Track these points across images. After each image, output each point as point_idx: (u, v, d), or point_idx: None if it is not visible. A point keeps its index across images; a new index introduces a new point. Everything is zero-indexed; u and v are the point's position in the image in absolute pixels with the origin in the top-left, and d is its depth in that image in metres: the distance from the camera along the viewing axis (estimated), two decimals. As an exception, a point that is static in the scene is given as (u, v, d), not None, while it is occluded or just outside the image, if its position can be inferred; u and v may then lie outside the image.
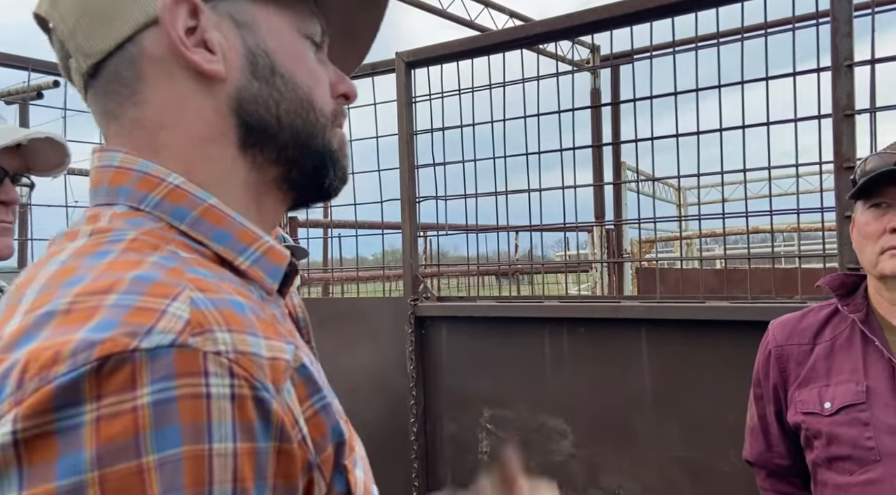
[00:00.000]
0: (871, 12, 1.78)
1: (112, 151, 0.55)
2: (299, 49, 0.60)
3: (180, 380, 0.40)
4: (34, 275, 0.48)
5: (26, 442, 0.38)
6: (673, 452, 2.10)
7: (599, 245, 7.42)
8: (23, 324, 0.43)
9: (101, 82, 0.56)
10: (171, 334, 0.41)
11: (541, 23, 2.29)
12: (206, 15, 0.55)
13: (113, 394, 0.39)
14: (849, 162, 1.78)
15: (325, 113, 0.60)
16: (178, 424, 0.40)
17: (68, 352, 0.39)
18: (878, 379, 1.24)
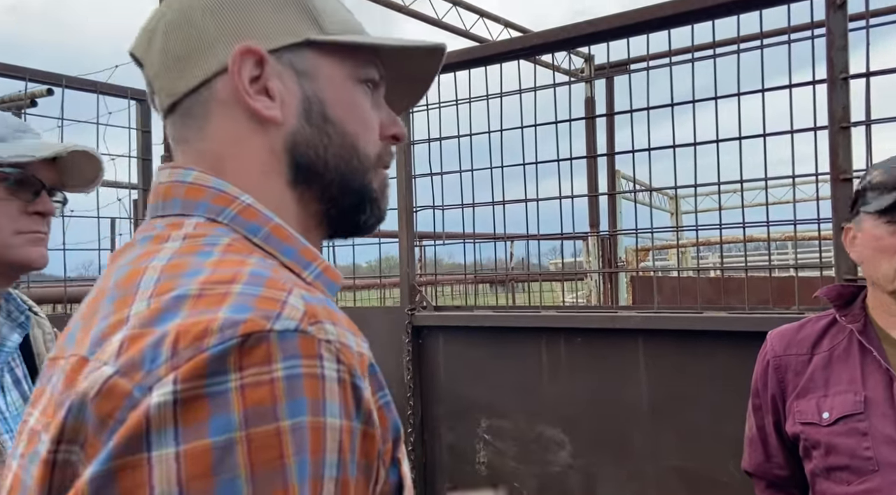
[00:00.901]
0: (866, 25, 1.79)
1: (185, 169, 0.62)
2: (352, 96, 0.66)
3: (304, 361, 0.47)
4: (138, 270, 0.54)
5: (183, 402, 0.44)
6: (670, 463, 2.10)
7: (595, 253, 7.43)
8: (156, 305, 0.49)
9: (176, 115, 0.65)
10: (294, 321, 0.48)
11: (537, 34, 2.30)
12: (271, 65, 0.62)
13: (254, 366, 0.45)
14: (845, 173, 1.79)
15: (369, 157, 0.67)
16: (304, 397, 0.46)
17: (217, 327, 0.46)
18: (876, 390, 1.25)
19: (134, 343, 0.47)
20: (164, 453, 0.43)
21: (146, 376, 0.45)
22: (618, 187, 8.14)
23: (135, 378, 0.46)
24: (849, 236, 1.34)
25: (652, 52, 2.19)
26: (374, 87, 0.69)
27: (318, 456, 0.47)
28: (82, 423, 0.47)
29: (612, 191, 8.09)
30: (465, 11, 7.38)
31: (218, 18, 0.63)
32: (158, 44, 0.64)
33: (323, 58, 0.64)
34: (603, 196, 8.06)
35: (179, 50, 0.63)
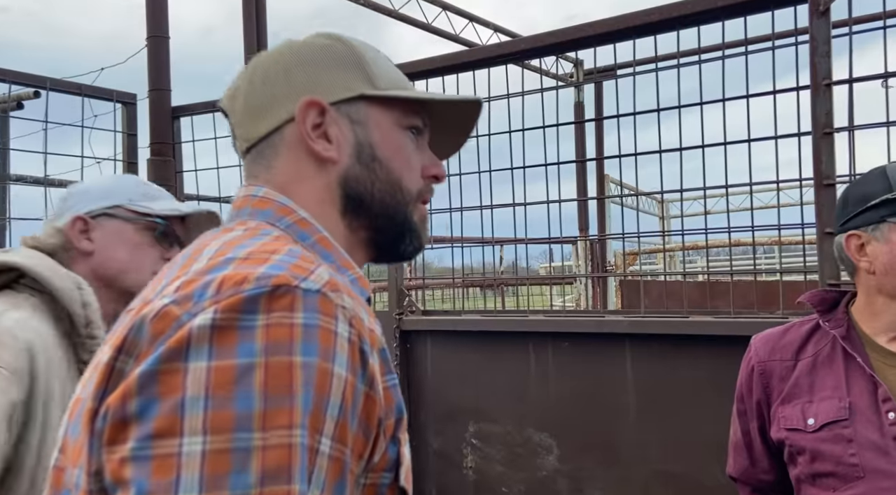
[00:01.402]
0: (849, 32, 1.81)
1: (258, 186, 0.76)
2: (398, 140, 0.79)
3: (321, 316, 0.58)
4: (205, 244, 0.68)
5: (219, 328, 0.55)
6: (657, 467, 2.10)
7: (583, 257, 7.46)
8: (210, 263, 0.62)
9: (251, 156, 0.79)
10: (318, 284, 0.59)
11: (526, 39, 2.31)
12: (330, 114, 0.76)
13: (279, 311, 0.56)
14: (828, 179, 1.81)
15: (411, 192, 0.79)
16: (317, 342, 0.56)
17: (254, 277, 0.58)
18: (861, 396, 1.25)
19: (188, 284, 0.60)
20: (198, 365, 0.54)
21: (194, 306, 0.57)
22: (607, 191, 8.17)
23: (185, 307, 0.57)
24: (856, 244, 1.28)
25: (639, 58, 2.20)
26: (418, 133, 0.82)
27: (323, 394, 0.56)
28: (139, 339, 0.58)
29: (601, 195, 8.12)
30: (454, 16, 7.39)
31: (289, 77, 0.77)
32: (241, 99, 0.79)
33: (374, 108, 0.78)
34: (592, 200, 8.08)
35: (257, 104, 0.77)
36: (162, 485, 0.51)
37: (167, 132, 3.25)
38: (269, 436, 0.53)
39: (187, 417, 0.52)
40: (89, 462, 0.57)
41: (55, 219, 1.29)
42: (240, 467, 0.52)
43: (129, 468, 0.53)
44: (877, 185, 1.26)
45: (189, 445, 0.52)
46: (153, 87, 3.25)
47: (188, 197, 3.39)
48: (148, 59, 3.26)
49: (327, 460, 0.56)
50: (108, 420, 0.55)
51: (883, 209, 1.24)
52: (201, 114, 3.25)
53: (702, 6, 2.00)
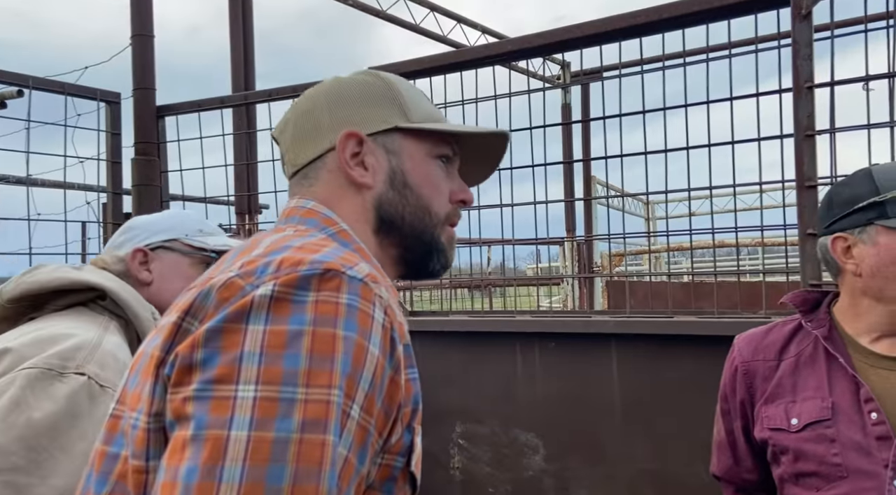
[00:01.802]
0: (831, 35, 1.84)
1: (307, 199, 0.86)
2: (428, 168, 0.89)
3: (362, 300, 0.67)
4: (259, 239, 0.77)
5: (276, 299, 0.65)
6: (642, 466, 2.11)
7: (570, 258, 7.49)
8: (269, 249, 0.72)
9: (297, 178, 0.90)
10: (361, 274, 0.69)
11: (513, 41, 2.32)
12: (368, 144, 0.86)
13: (327, 291, 0.66)
14: (810, 181, 1.83)
15: (439, 216, 0.88)
16: (357, 321, 0.65)
17: (308, 261, 0.68)
18: (843, 396, 1.25)
19: (251, 263, 0.70)
20: (256, 328, 0.64)
21: (256, 279, 0.67)
22: (593, 193, 8.21)
23: (248, 280, 0.68)
24: (842, 246, 1.29)
25: (625, 60, 2.22)
26: (448, 161, 0.91)
27: (359, 365, 0.64)
28: (205, 304, 0.67)
29: (587, 196, 8.16)
30: (442, 17, 7.40)
31: (333, 111, 0.87)
32: (290, 129, 0.90)
33: (407, 139, 0.87)
34: (579, 201, 8.12)
35: (304, 134, 0.88)
36: (218, 421, 0.60)
37: (152, 131, 3.23)
38: (311, 392, 0.61)
39: (243, 368, 0.62)
40: (150, 404, 0.66)
41: (117, 248, 1.38)
42: (284, 414, 0.60)
43: (192, 405, 0.62)
44: (863, 188, 1.26)
45: (243, 391, 0.61)
46: (138, 85, 3.23)
47: (173, 197, 3.37)
48: (133, 58, 3.23)
49: (355, 425, 0.64)
50: (175, 365, 0.64)
51: (870, 212, 1.24)
52: (186, 113, 3.22)
53: (686, 9, 2.02)
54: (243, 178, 4.22)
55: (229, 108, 3.36)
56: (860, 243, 1.26)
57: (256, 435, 0.59)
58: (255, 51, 5.17)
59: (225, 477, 0.58)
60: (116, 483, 0.68)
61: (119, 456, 0.69)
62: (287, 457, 0.59)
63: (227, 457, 0.58)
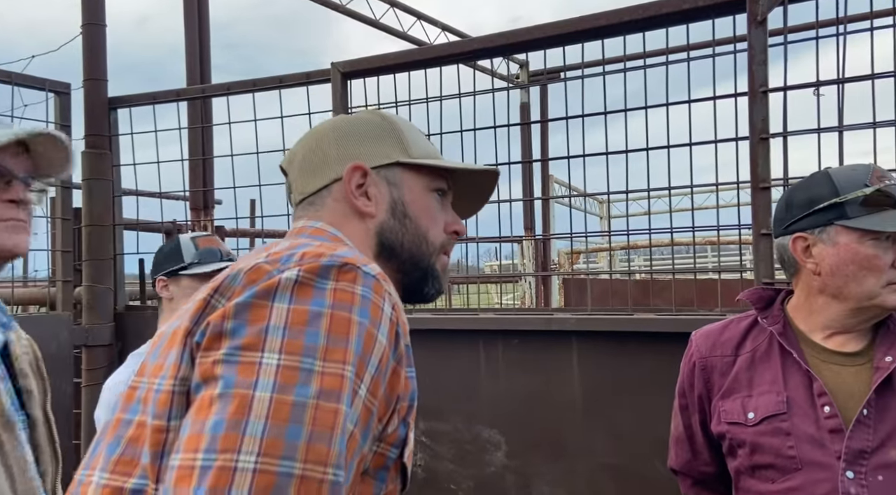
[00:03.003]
0: (784, 41, 1.90)
1: (315, 220, 0.94)
2: (426, 201, 0.96)
3: (374, 293, 0.74)
4: (273, 244, 0.84)
5: (300, 283, 0.72)
6: (601, 460, 2.15)
7: (529, 256, 7.56)
8: (290, 245, 0.80)
9: (304, 205, 0.97)
10: (374, 271, 0.76)
11: (477, 39, 2.32)
12: (371, 176, 0.93)
13: (345, 281, 0.73)
14: (764, 182, 1.88)
15: (435, 245, 0.96)
16: (369, 311, 0.73)
17: (329, 254, 0.75)
18: (797, 390, 1.29)
19: (276, 254, 0.77)
20: (281, 305, 0.71)
21: (282, 265, 0.74)
22: (551, 191, 8.30)
23: (274, 265, 0.75)
24: (802, 246, 1.32)
25: (585, 61, 2.25)
26: (443, 195, 0.98)
27: (368, 350, 0.71)
28: (233, 284, 0.74)
29: (545, 195, 8.25)
30: (402, 13, 7.36)
31: (339, 146, 0.95)
32: (298, 161, 0.98)
33: (407, 173, 0.95)
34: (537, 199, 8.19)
35: (312, 166, 0.96)
36: (245, 382, 0.67)
37: (103, 124, 3.13)
38: (328, 366, 0.68)
39: (269, 339, 0.69)
40: (177, 368, 0.72)
41: None
42: (304, 381, 0.67)
43: (220, 367, 0.69)
44: (823, 189, 1.29)
45: (268, 359, 0.68)
46: (88, 76, 3.12)
47: (125, 192, 3.27)
48: (83, 48, 3.12)
49: (362, 404, 0.70)
50: (206, 333, 0.71)
51: (830, 212, 1.27)
52: (140, 105, 3.13)
53: (647, 13, 2.06)
54: (198, 173, 4.11)
55: (185, 101, 3.27)
56: (820, 243, 1.29)
57: (278, 398, 0.65)
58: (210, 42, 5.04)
59: (248, 431, 0.64)
60: (127, 445, 0.73)
61: (132, 421, 0.75)
62: (304, 419, 0.65)
63: (251, 414, 0.65)
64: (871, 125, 1.82)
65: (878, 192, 1.22)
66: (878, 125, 1.81)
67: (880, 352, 1.28)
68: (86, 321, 3.08)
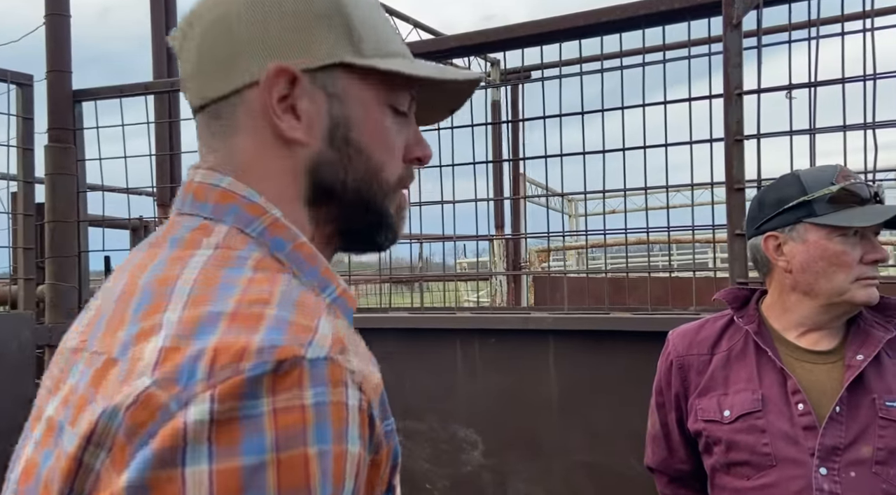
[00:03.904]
0: (758, 44, 1.93)
1: (221, 174, 0.63)
2: (380, 121, 0.66)
3: (331, 388, 0.50)
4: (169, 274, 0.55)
5: (219, 423, 0.46)
6: (577, 458, 2.16)
7: (500, 254, 7.59)
8: (191, 317, 0.51)
9: (205, 117, 0.65)
10: (325, 348, 0.51)
11: (456, 37, 2.31)
12: (302, 85, 0.62)
13: (286, 391, 0.48)
14: (739, 183, 1.92)
15: (389, 182, 0.68)
16: (330, 424, 0.49)
17: (254, 350, 0.48)
18: (772, 388, 1.32)
19: (171, 355, 0.49)
20: (197, 470, 0.45)
21: (183, 390, 0.47)
22: (522, 190, 8.34)
23: (171, 391, 0.47)
24: (773, 244, 1.35)
25: (554, 60, 2.26)
26: (404, 115, 0.69)
27: (339, 483, 0.50)
28: (113, 429, 0.48)
29: (515, 194, 8.29)
30: (373, 9, 7.30)
31: (255, 30, 0.62)
32: (196, 42, 0.64)
33: (356, 80, 0.64)
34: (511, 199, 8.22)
35: (214, 55, 0.63)
36: None
37: (67, 117, 3.04)
38: None
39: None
40: None
41: None
42: None
43: None
44: (792, 189, 1.33)
45: None
46: (52, 68, 3.02)
47: (91, 187, 3.18)
48: (46, 39, 3.03)
49: None
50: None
51: (799, 211, 1.31)
52: (106, 98, 3.05)
53: (624, 14, 2.08)
54: (166, 168, 4.03)
55: (152, 95, 3.20)
56: (790, 241, 1.33)
57: None
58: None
59: None
60: None
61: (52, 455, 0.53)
62: None
63: None
64: (842, 128, 1.86)
65: (844, 190, 1.27)
66: (848, 128, 1.86)
67: (851, 350, 1.31)
68: (49, 320, 2.99)
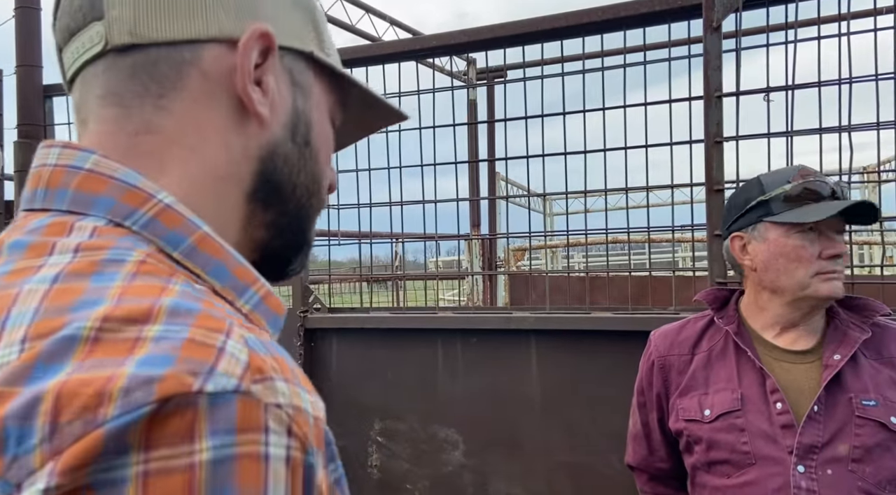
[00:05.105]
0: (737, 47, 1.96)
1: (81, 150, 0.47)
2: (329, 133, 0.59)
3: (242, 436, 0.34)
4: (5, 296, 0.39)
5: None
6: (559, 458, 2.17)
7: (476, 253, 7.60)
8: (30, 353, 0.34)
9: (126, 64, 0.49)
10: (233, 378, 0.35)
11: (437, 36, 2.31)
12: (273, 58, 0.52)
13: (167, 446, 0.32)
14: (718, 185, 1.94)
15: (322, 198, 0.59)
16: (237, 490, 0.33)
17: (118, 391, 0.32)
18: (751, 388, 1.34)
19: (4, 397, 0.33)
20: None
21: (12, 464, 0.32)
22: (497, 189, 8.37)
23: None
24: (739, 244, 1.40)
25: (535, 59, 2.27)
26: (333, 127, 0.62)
27: None
28: None
29: (491, 193, 8.31)
30: (350, 6, 7.26)
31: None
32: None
33: (317, 79, 0.57)
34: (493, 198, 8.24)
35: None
36: None
37: (37, 113, 2.96)
38: None
39: None
40: None
41: None
42: None
43: None
44: (753, 191, 1.39)
45: None
46: (21, 62, 2.95)
47: (62, 185, 3.10)
48: (16, 32, 2.95)
49: None
50: None
51: (759, 210, 1.36)
52: (78, 94, 2.97)
53: (606, 16, 2.09)
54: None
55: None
56: (753, 240, 1.38)
57: None
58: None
59: None
60: None
61: None
62: None
63: None
64: (818, 130, 1.90)
65: (800, 188, 1.32)
66: (824, 131, 1.90)
67: (829, 350, 1.34)
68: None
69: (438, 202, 2.38)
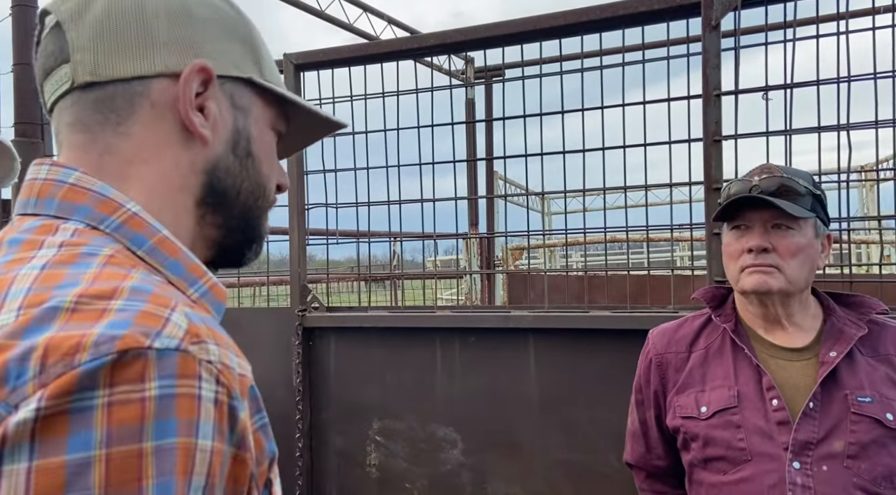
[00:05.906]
0: (736, 46, 1.96)
1: (65, 168, 0.59)
2: (270, 141, 0.71)
3: (181, 380, 0.46)
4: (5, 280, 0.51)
5: (45, 419, 0.42)
6: (557, 456, 2.18)
7: (474, 252, 7.60)
8: (25, 316, 0.47)
9: (89, 98, 0.61)
10: (175, 339, 0.47)
11: (435, 35, 2.30)
12: (214, 88, 0.63)
13: (125, 383, 0.44)
14: (717, 183, 1.94)
15: (269, 200, 0.71)
16: (175, 418, 0.45)
17: (90, 343, 0.44)
18: (748, 385, 1.34)
19: None
20: (15, 467, 0.42)
21: (11, 393, 0.43)
22: (495, 188, 8.37)
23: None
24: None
25: (529, 59, 2.26)
26: (279, 138, 0.73)
27: (185, 477, 0.46)
28: None
29: (489, 192, 8.31)
30: (348, 5, 7.25)
31: (174, 24, 0.63)
32: (96, 17, 0.61)
33: (257, 99, 0.68)
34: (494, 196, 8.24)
35: (124, 36, 0.61)
36: None
37: (34, 111, 2.96)
38: None
39: None
40: None
41: None
42: None
43: None
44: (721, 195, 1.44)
45: None
46: (19, 60, 2.95)
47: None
48: (13, 30, 2.95)
49: None
50: None
51: (720, 213, 1.40)
52: (75, 93, 2.97)
53: (604, 14, 2.09)
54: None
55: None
56: (722, 240, 1.44)
57: None
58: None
59: None
60: None
61: None
62: None
63: None
64: (817, 129, 1.90)
65: (728, 188, 1.37)
66: (823, 129, 1.90)
67: (825, 347, 1.34)
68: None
69: (436, 201, 2.38)
